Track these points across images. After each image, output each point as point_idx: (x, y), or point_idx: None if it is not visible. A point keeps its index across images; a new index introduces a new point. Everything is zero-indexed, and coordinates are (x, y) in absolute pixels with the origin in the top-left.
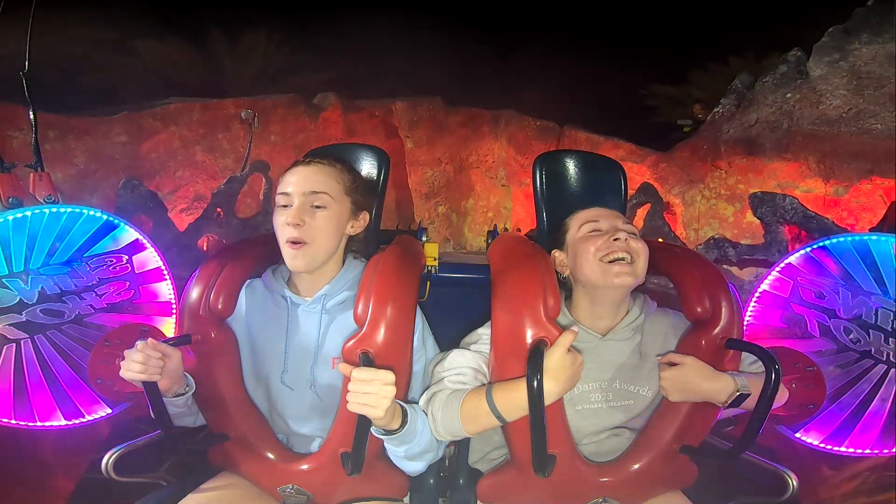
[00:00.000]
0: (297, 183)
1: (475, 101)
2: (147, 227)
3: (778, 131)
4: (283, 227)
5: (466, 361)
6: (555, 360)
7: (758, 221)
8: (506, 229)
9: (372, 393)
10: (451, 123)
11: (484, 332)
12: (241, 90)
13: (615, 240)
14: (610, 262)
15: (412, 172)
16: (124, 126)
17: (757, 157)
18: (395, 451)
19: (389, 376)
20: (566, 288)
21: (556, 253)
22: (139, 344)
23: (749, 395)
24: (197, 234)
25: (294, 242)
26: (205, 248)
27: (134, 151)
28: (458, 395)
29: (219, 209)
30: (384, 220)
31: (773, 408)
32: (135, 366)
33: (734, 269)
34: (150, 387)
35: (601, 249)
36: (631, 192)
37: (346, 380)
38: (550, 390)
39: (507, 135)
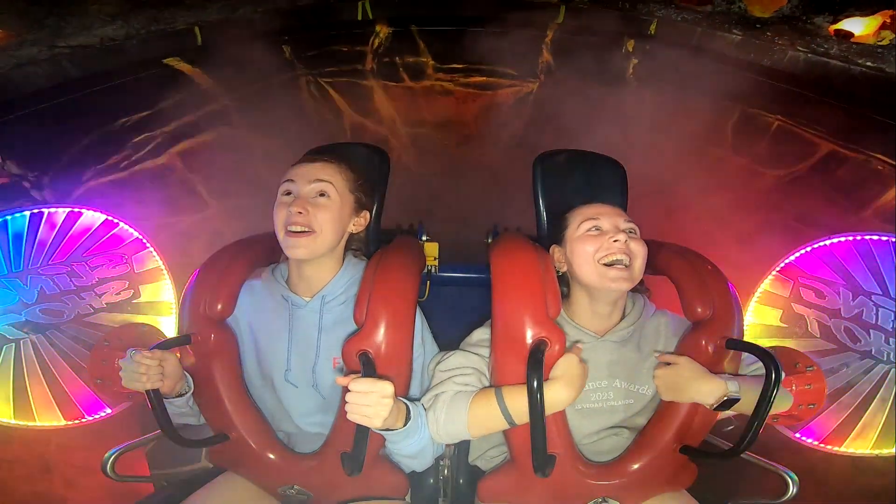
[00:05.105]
0: (302, 174)
1: None
2: None
3: None
4: (286, 214)
5: (469, 363)
6: (569, 367)
7: None
8: None
9: (369, 405)
10: None
11: (483, 335)
12: None
13: (615, 241)
14: (607, 264)
15: None
16: None
17: None
18: (396, 448)
19: (387, 389)
20: (564, 285)
21: (555, 249)
22: (135, 355)
23: (739, 399)
24: None
25: (296, 230)
26: None
27: None
28: (463, 398)
29: None
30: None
31: (776, 412)
32: (137, 376)
33: None
34: (153, 393)
35: (600, 251)
36: None
37: (345, 388)
38: (566, 396)
39: None
